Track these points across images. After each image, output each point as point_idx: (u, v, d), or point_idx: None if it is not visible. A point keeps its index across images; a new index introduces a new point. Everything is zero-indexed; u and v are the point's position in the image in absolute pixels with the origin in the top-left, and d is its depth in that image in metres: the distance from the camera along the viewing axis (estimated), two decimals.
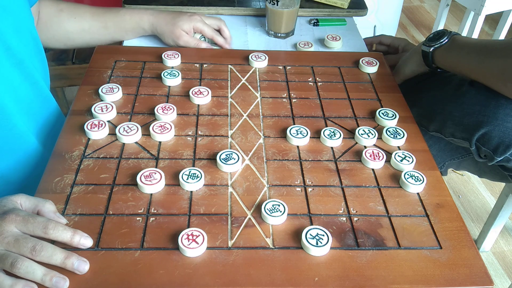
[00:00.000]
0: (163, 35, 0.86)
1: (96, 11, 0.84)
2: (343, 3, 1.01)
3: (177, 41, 0.85)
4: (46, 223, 0.48)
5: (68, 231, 0.49)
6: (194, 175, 0.58)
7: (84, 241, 0.49)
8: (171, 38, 0.85)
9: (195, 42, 0.85)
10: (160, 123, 0.65)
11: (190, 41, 0.85)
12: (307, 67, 0.82)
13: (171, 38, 0.85)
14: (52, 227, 0.48)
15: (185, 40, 0.85)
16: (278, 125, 0.68)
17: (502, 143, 0.69)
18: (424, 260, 0.51)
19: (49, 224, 0.48)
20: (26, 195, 0.52)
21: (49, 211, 0.51)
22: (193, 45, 0.85)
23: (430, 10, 2.57)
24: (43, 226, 0.48)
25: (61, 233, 0.48)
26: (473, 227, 1.36)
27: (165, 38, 0.86)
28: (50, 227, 0.48)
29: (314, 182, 0.59)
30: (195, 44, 0.85)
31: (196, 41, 0.86)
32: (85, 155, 0.61)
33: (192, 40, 0.85)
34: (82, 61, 1.24)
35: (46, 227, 0.48)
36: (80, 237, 0.49)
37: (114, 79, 0.76)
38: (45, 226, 0.48)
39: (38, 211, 0.51)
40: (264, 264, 0.49)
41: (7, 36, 0.63)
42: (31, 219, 0.48)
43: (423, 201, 0.58)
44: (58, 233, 0.48)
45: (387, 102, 0.74)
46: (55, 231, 0.48)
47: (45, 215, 0.51)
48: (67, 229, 0.49)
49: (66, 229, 0.49)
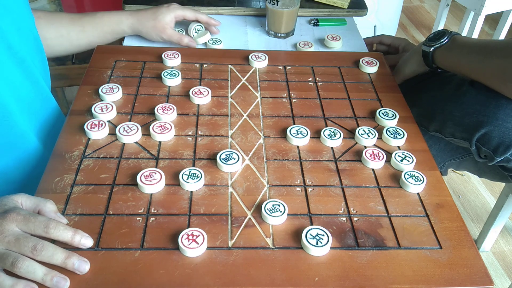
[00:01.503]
0: (146, 32, 0.86)
1: (73, 16, 0.85)
2: (343, 3, 1.01)
3: (161, 35, 0.86)
4: (47, 222, 0.48)
5: (69, 230, 0.49)
6: (194, 175, 0.58)
7: (85, 241, 0.49)
8: (155, 33, 0.86)
9: (178, 36, 0.86)
10: (160, 123, 0.65)
11: (174, 34, 0.86)
12: (307, 67, 0.82)
13: (155, 33, 0.86)
14: (53, 226, 0.48)
15: (169, 34, 0.86)
16: (278, 125, 0.68)
17: (502, 143, 0.69)
18: (424, 260, 0.51)
19: (50, 224, 0.48)
20: (27, 195, 0.52)
21: (50, 211, 0.51)
22: (176, 39, 0.86)
23: (430, 10, 2.57)
24: (44, 225, 0.48)
25: (62, 232, 0.48)
26: (473, 227, 1.36)
27: (149, 34, 0.86)
28: (51, 227, 0.48)
29: (314, 182, 0.59)
30: (178, 38, 0.86)
31: (178, 35, 0.86)
32: (85, 155, 0.61)
33: (175, 33, 0.86)
34: (82, 61, 1.24)
35: (47, 226, 0.48)
36: (81, 237, 0.49)
37: (114, 79, 0.76)
38: (46, 225, 0.48)
39: (39, 211, 0.51)
40: (264, 264, 0.49)
41: (8, 35, 0.63)
42: (32, 218, 0.48)
43: (423, 201, 0.58)
44: (59, 233, 0.48)
45: (387, 102, 0.74)
46: (56, 230, 0.48)
47: (46, 215, 0.51)
48: (68, 228, 0.49)
49: (67, 229, 0.49)
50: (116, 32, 0.86)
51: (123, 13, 0.86)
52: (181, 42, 0.87)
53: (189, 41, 0.87)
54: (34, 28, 0.72)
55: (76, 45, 0.85)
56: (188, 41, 0.87)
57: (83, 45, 0.86)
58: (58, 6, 1.24)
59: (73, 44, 0.85)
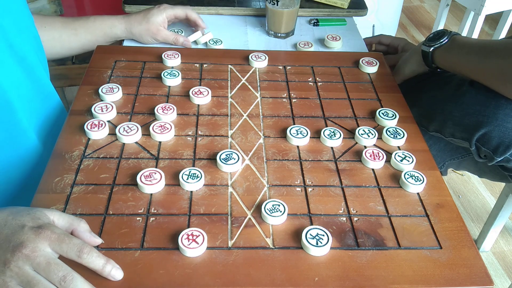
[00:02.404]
0: (139, 35, 0.86)
1: (66, 20, 0.85)
2: (343, 3, 1.01)
3: (155, 37, 0.86)
4: (81, 247, 0.46)
5: (102, 259, 0.47)
6: (194, 175, 0.58)
7: (115, 273, 0.47)
8: (148, 35, 0.86)
9: (173, 37, 0.86)
10: (160, 123, 0.65)
11: (169, 35, 0.86)
12: (307, 67, 0.82)
13: (148, 35, 0.86)
14: (87, 251, 0.46)
15: (163, 35, 0.86)
16: (278, 125, 0.68)
17: (502, 143, 0.69)
18: (424, 260, 0.51)
19: (85, 248, 0.46)
20: (60, 212, 0.50)
21: (84, 231, 0.49)
22: (172, 39, 0.86)
23: (430, 10, 2.57)
24: (78, 249, 0.46)
25: (94, 259, 0.46)
26: (473, 227, 1.36)
27: (142, 37, 0.86)
28: (85, 251, 0.46)
29: (314, 182, 0.59)
30: (174, 38, 0.86)
31: (174, 35, 0.86)
32: (85, 155, 0.61)
33: (170, 34, 0.86)
34: (82, 61, 1.24)
35: (81, 251, 0.46)
36: (112, 268, 0.47)
37: (114, 79, 0.76)
38: (80, 250, 0.46)
39: (72, 231, 0.49)
40: (264, 264, 0.49)
41: (9, 33, 0.63)
42: (67, 240, 0.46)
43: (423, 201, 0.58)
44: (92, 259, 0.46)
45: (387, 102, 0.74)
46: (89, 256, 0.46)
47: (80, 235, 0.49)
48: (100, 256, 0.47)
49: (99, 257, 0.47)
50: (109, 35, 0.86)
51: (116, 17, 0.86)
52: (177, 42, 0.87)
53: (185, 40, 0.87)
54: (34, 27, 0.72)
55: (67, 47, 0.85)
56: (183, 40, 0.87)
57: (75, 48, 0.86)
58: (58, 6, 1.24)
59: (65, 47, 0.85)
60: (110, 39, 0.88)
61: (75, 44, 0.85)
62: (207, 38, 0.89)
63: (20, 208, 0.49)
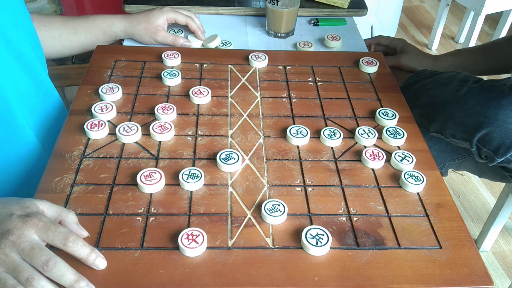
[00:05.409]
0: (139, 35, 0.86)
1: (66, 19, 0.85)
2: (343, 3, 1.01)
3: (154, 37, 0.86)
4: (67, 235, 0.47)
5: (87, 248, 0.47)
6: (194, 175, 0.58)
7: (99, 262, 0.47)
8: (147, 35, 0.86)
9: (172, 38, 0.86)
10: (160, 123, 0.65)
11: (167, 36, 0.86)
12: (307, 67, 0.82)
13: (148, 35, 0.86)
14: (72, 240, 0.47)
15: (162, 36, 0.86)
16: (278, 125, 0.68)
17: (503, 144, 0.69)
18: (424, 260, 0.51)
19: (70, 237, 0.47)
20: (50, 202, 0.51)
21: (72, 222, 0.50)
22: (171, 41, 0.86)
23: (430, 10, 2.57)
24: (63, 237, 0.47)
25: (79, 248, 0.47)
26: (473, 227, 1.36)
27: (141, 37, 0.86)
28: (70, 240, 0.47)
29: (314, 182, 0.59)
30: (173, 39, 0.86)
31: (173, 36, 0.86)
32: (85, 155, 0.61)
33: (169, 35, 0.86)
34: (82, 61, 1.24)
35: (66, 239, 0.47)
36: (96, 257, 0.47)
37: (114, 79, 0.76)
38: (65, 238, 0.47)
39: (60, 221, 0.50)
40: (264, 264, 0.49)
41: (6, 30, 0.63)
42: (53, 227, 0.47)
43: (423, 201, 0.58)
44: (77, 248, 0.47)
45: (387, 102, 0.74)
46: (74, 244, 0.47)
47: (67, 225, 0.50)
48: (86, 245, 0.47)
49: (85, 246, 0.47)
50: (109, 35, 0.86)
51: (116, 17, 0.86)
52: (176, 43, 0.87)
53: (184, 41, 0.87)
54: (31, 24, 0.72)
55: (68, 46, 0.85)
56: (183, 42, 0.87)
57: (75, 48, 0.86)
58: (58, 6, 1.24)
59: (65, 46, 0.85)
60: (110, 38, 0.87)
61: (75, 43, 0.85)
62: (216, 43, 0.88)
63: (11, 198, 0.50)
